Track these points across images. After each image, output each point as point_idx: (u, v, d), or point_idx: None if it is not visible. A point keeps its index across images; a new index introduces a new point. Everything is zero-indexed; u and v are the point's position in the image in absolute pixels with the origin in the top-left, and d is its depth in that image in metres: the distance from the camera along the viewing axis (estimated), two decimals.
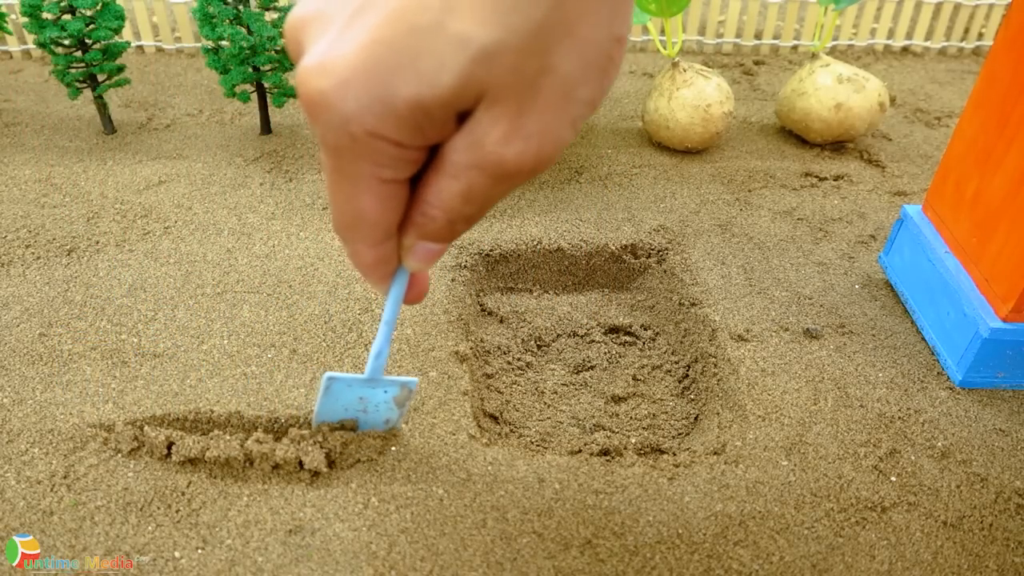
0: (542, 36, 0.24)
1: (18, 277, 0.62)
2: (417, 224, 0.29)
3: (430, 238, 0.30)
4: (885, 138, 0.90)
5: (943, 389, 0.55)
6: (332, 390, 0.45)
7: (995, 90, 0.54)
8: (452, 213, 0.28)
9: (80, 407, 0.50)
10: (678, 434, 0.55)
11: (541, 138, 0.25)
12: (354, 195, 0.28)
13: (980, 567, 0.44)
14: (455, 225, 0.29)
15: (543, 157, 0.26)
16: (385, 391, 0.45)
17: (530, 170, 0.26)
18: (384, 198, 0.28)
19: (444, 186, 0.27)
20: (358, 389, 0.45)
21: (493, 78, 0.24)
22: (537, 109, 0.25)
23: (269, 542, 0.43)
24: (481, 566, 0.43)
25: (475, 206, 0.28)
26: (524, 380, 0.59)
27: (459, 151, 0.26)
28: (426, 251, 0.31)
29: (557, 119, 0.25)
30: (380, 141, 0.25)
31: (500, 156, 0.25)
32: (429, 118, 0.25)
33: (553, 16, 0.23)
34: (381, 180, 0.27)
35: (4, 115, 0.89)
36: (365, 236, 0.30)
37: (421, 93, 0.24)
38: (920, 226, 0.61)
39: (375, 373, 0.43)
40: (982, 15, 1.14)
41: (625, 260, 0.69)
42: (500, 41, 0.23)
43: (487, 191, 0.27)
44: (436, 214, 0.29)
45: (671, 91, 0.81)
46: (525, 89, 0.24)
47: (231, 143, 0.84)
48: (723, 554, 0.44)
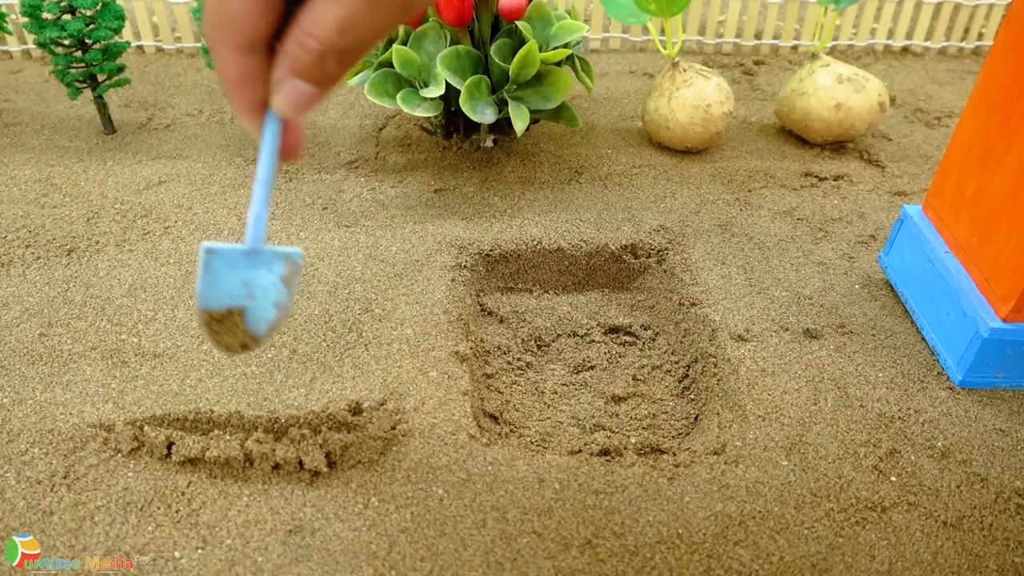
0: None
1: (18, 277, 0.62)
2: (290, 54, 0.29)
3: (300, 73, 0.29)
4: (885, 138, 0.90)
5: (943, 389, 0.55)
6: (212, 267, 0.40)
7: (995, 90, 0.54)
8: (326, 44, 0.28)
9: (80, 407, 0.50)
10: (678, 434, 0.55)
11: None
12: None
13: (980, 567, 0.44)
14: (326, 60, 0.29)
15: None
16: (270, 270, 0.41)
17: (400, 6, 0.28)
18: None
19: (322, 9, 0.28)
20: (241, 271, 0.41)
21: None
22: None
23: (269, 542, 0.43)
24: (481, 566, 0.43)
25: (350, 38, 0.28)
26: (524, 380, 0.59)
27: None
28: (295, 91, 0.30)
29: None
30: None
31: None
32: None
33: None
34: None
35: (4, 115, 0.89)
36: (229, 36, 0.29)
37: None
38: (920, 226, 0.61)
39: (256, 242, 0.39)
40: (982, 15, 1.14)
41: (625, 260, 0.69)
42: None
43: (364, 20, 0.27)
44: (310, 43, 0.28)
45: (671, 91, 0.81)
46: None
47: (231, 143, 0.84)
48: (723, 554, 0.44)
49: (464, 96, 0.69)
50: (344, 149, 0.84)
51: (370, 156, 0.83)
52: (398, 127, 0.89)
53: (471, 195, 0.76)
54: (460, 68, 0.71)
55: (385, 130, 0.88)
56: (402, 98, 0.70)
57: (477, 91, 0.71)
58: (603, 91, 1.00)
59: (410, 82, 0.73)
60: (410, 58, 0.71)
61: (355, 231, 0.69)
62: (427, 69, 0.73)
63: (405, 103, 0.69)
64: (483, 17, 0.73)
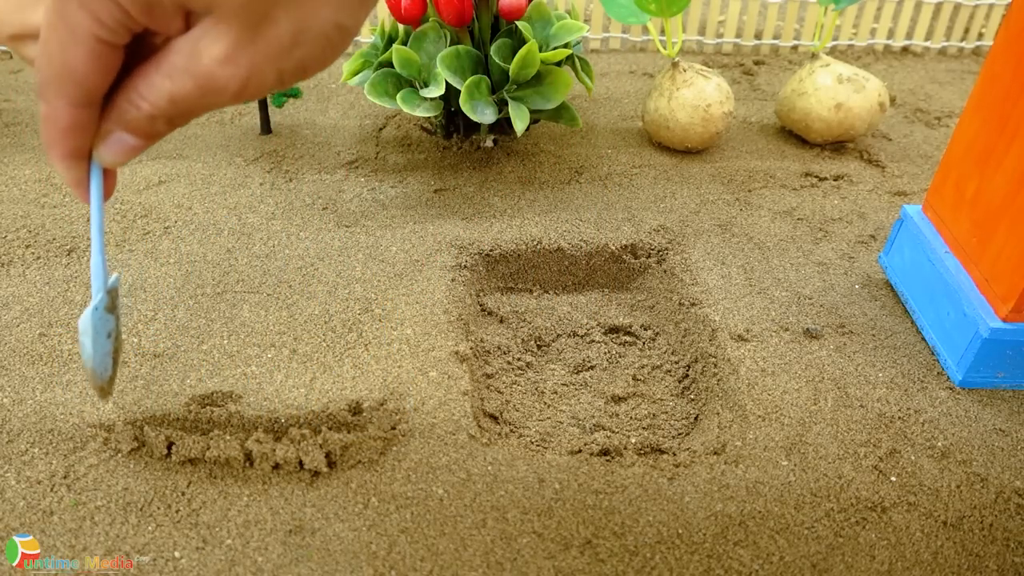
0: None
1: (18, 277, 0.62)
2: (121, 110, 0.31)
3: (130, 128, 0.31)
4: (885, 138, 0.90)
5: (943, 389, 0.55)
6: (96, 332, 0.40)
7: (995, 90, 0.54)
8: (157, 109, 0.30)
9: (80, 407, 0.50)
10: (678, 434, 0.55)
11: (249, 72, 0.29)
12: (69, 45, 0.28)
13: (980, 567, 0.44)
14: (156, 122, 0.31)
15: (247, 89, 0.29)
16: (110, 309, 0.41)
17: (232, 95, 0.29)
18: (96, 56, 0.29)
19: (157, 82, 0.29)
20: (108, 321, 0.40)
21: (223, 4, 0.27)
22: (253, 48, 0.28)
23: (269, 542, 0.43)
24: (481, 566, 0.43)
25: (178, 109, 0.30)
26: (524, 380, 0.59)
27: (180, 54, 0.29)
28: (121, 143, 0.32)
29: (268, 64, 0.29)
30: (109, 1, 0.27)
31: (212, 72, 0.28)
32: (160, 6, 0.27)
33: None
34: (98, 39, 0.28)
35: (4, 115, 0.89)
36: (69, 91, 0.30)
37: None
38: (920, 226, 0.61)
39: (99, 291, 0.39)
40: (982, 15, 1.14)
41: (625, 260, 0.69)
42: None
43: (193, 99, 0.29)
44: (143, 105, 0.30)
45: (671, 91, 0.81)
46: (249, 25, 0.28)
47: (231, 143, 0.84)
48: (723, 554, 0.44)
49: (464, 96, 0.69)
50: (344, 149, 0.84)
51: (370, 156, 0.83)
52: (398, 127, 0.89)
53: (471, 195, 0.76)
54: (460, 68, 0.71)
55: (385, 130, 0.88)
56: (402, 98, 0.70)
57: (477, 91, 0.71)
58: (603, 91, 1.00)
59: (410, 82, 0.73)
60: (410, 58, 0.71)
61: (355, 231, 0.69)
62: (427, 69, 0.73)
63: (405, 103, 0.69)
64: (483, 17, 0.73)
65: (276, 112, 0.90)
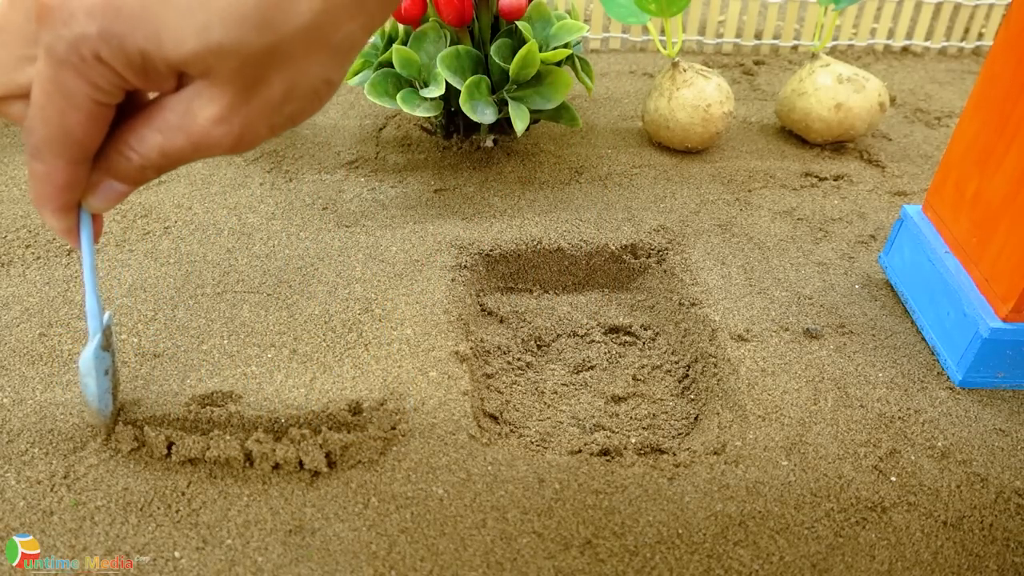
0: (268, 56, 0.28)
1: (18, 277, 0.62)
2: (111, 161, 0.32)
3: (119, 177, 0.33)
4: (885, 138, 0.90)
5: (943, 389, 0.55)
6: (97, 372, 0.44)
7: (995, 90, 0.54)
8: (147, 160, 0.31)
9: (80, 407, 0.50)
10: (678, 434, 0.55)
11: (243, 130, 0.30)
12: (67, 110, 0.29)
13: (980, 567, 0.44)
14: (146, 171, 0.32)
15: (240, 144, 0.30)
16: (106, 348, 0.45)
17: (226, 150, 0.30)
18: (94, 118, 0.30)
19: (148, 136, 0.31)
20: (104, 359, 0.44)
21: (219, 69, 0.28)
22: (247, 107, 0.29)
23: (269, 542, 0.43)
24: (481, 566, 0.43)
25: (169, 161, 0.31)
26: (524, 380, 0.59)
27: (173, 112, 0.30)
28: (111, 191, 0.34)
29: (260, 121, 0.30)
30: (105, 68, 0.28)
31: (206, 131, 0.29)
32: (155, 70, 0.28)
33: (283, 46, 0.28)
34: (95, 101, 0.29)
35: None
36: (68, 152, 0.31)
37: (151, 51, 0.27)
38: (920, 226, 0.61)
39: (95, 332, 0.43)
40: (982, 15, 1.14)
41: (625, 260, 0.69)
42: (234, 45, 0.27)
43: (184, 153, 0.31)
44: (133, 156, 0.31)
45: (671, 91, 0.81)
46: (243, 88, 0.29)
47: None
48: (723, 554, 0.44)
49: (464, 96, 0.69)
50: (344, 149, 0.84)
51: (370, 156, 0.83)
52: (398, 127, 0.89)
53: (471, 195, 0.76)
54: (460, 68, 0.71)
55: (385, 130, 0.89)
56: (402, 98, 0.70)
57: (477, 91, 0.71)
58: (603, 91, 1.00)
59: (410, 82, 0.73)
60: (410, 58, 0.71)
61: (355, 231, 0.69)
62: (427, 69, 0.73)
63: (405, 103, 0.69)
64: (483, 17, 0.73)
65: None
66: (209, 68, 0.28)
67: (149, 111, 0.31)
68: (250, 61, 0.28)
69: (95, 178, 0.33)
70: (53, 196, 0.33)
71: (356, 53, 0.31)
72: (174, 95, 0.30)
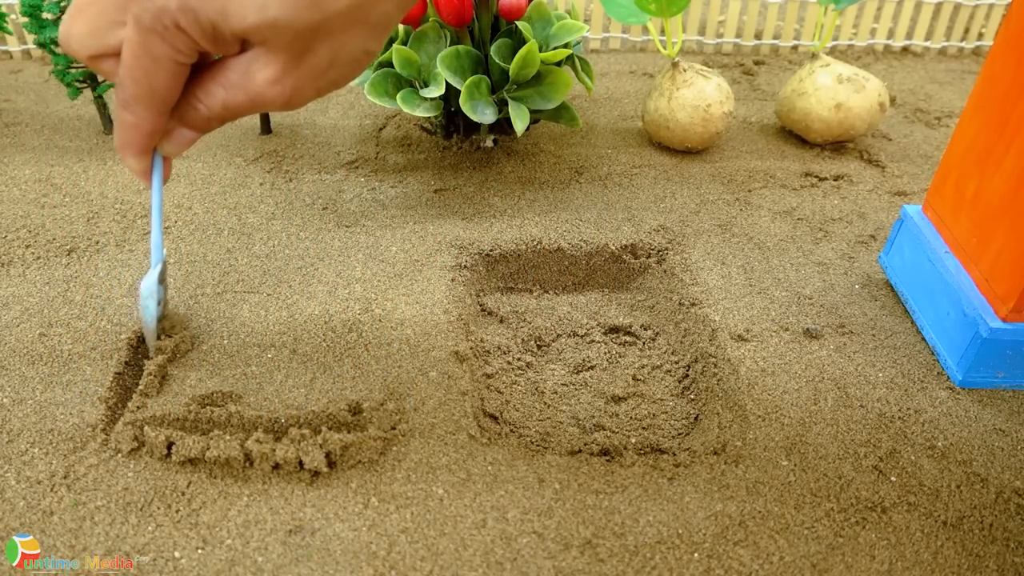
0: (315, 31, 0.34)
1: (18, 277, 0.62)
2: (183, 111, 0.39)
3: (189, 125, 0.39)
4: (885, 138, 0.90)
5: (943, 389, 0.55)
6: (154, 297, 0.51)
7: (995, 90, 0.54)
8: (212, 111, 0.38)
9: (80, 407, 0.50)
10: (678, 434, 0.55)
11: (293, 91, 0.36)
12: (152, 69, 0.36)
13: (980, 567, 0.44)
14: (211, 121, 0.39)
15: (291, 102, 0.37)
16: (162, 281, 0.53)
17: (278, 107, 0.37)
18: (174, 75, 0.36)
19: (214, 91, 0.37)
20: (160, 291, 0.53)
21: (274, 39, 0.34)
22: (297, 72, 0.35)
23: (269, 542, 0.43)
24: (481, 566, 0.43)
25: (230, 113, 0.38)
26: (524, 380, 0.59)
27: (235, 72, 0.36)
28: (182, 137, 0.40)
29: (308, 84, 0.36)
30: (183, 34, 0.34)
31: (262, 90, 0.36)
32: (222, 38, 0.34)
33: (328, 23, 0.34)
34: (175, 62, 0.35)
35: (4, 115, 0.89)
36: (153, 104, 0.37)
37: (219, 22, 0.33)
38: (920, 226, 0.61)
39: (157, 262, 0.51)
40: (982, 15, 1.14)
41: (625, 260, 0.69)
42: (288, 21, 0.33)
43: (242, 107, 0.37)
44: (201, 107, 0.38)
45: (671, 91, 0.81)
46: (294, 55, 0.35)
47: (231, 143, 0.84)
48: (723, 554, 0.44)
49: (464, 96, 0.69)
50: (344, 149, 0.84)
51: (370, 156, 0.83)
52: (398, 127, 0.89)
53: (471, 195, 0.76)
54: (460, 68, 0.71)
55: (385, 130, 0.89)
56: (402, 98, 0.70)
57: (477, 91, 0.71)
58: (603, 91, 1.00)
59: (410, 82, 0.73)
60: (410, 58, 0.71)
61: (355, 231, 0.69)
62: (427, 69, 0.73)
63: (405, 103, 0.69)
64: (483, 17, 0.73)
65: (276, 112, 0.90)
66: (266, 38, 0.34)
67: (215, 70, 0.37)
68: (300, 34, 0.33)
69: (170, 126, 0.39)
70: (137, 141, 0.39)
71: (391, 28, 0.36)
72: (236, 57, 0.36)
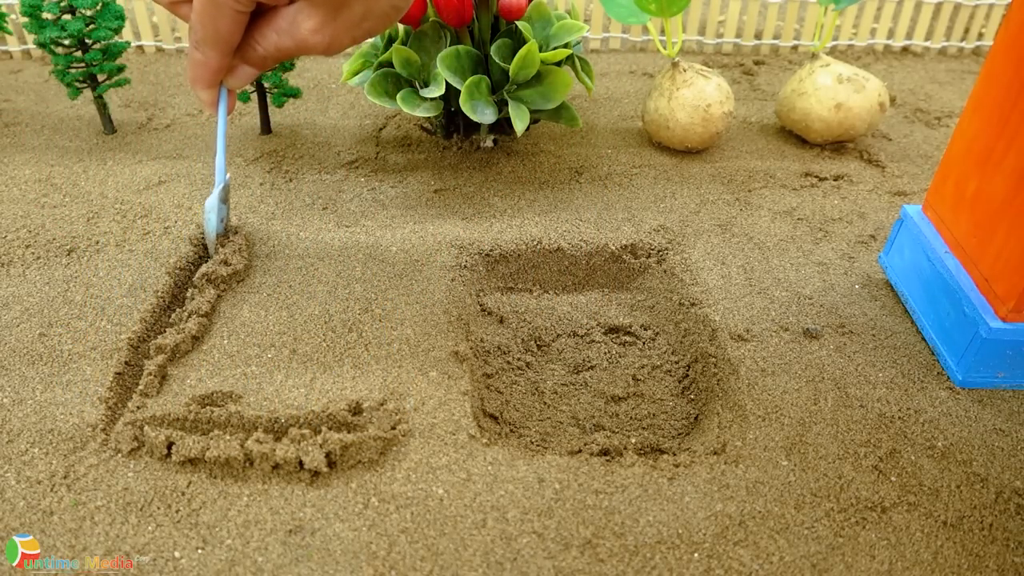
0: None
1: (18, 277, 0.62)
2: (244, 51, 0.47)
3: (249, 63, 0.48)
4: (885, 138, 0.90)
5: (943, 389, 0.55)
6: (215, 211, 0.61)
7: (995, 90, 0.54)
8: (267, 52, 0.46)
9: (80, 407, 0.50)
10: (678, 434, 0.55)
11: (331, 39, 0.44)
12: (217, 16, 0.43)
13: (980, 567, 0.44)
14: (267, 60, 0.47)
15: (331, 49, 0.44)
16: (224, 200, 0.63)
17: (320, 52, 0.44)
18: (235, 21, 0.44)
19: (269, 35, 0.45)
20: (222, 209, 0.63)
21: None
22: (335, 23, 0.43)
23: (269, 542, 0.43)
24: (481, 566, 0.43)
25: (282, 54, 0.46)
26: (524, 380, 0.59)
27: (285, 20, 0.44)
28: (244, 73, 0.49)
29: (345, 33, 0.44)
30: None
31: (305, 38, 0.44)
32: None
33: None
34: (236, 10, 0.43)
35: (4, 115, 0.89)
36: (220, 46, 0.45)
37: None
38: (920, 226, 0.61)
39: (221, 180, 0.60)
40: (982, 15, 1.14)
41: (625, 260, 0.69)
42: None
43: (291, 51, 0.45)
44: (258, 48, 0.46)
45: (671, 91, 0.81)
46: (332, 9, 0.42)
47: (231, 143, 0.84)
48: (723, 554, 0.44)
49: (464, 96, 0.69)
50: (344, 149, 0.84)
51: (370, 156, 0.83)
52: (398, 127, 0.89)
53: (471, 195, 0.76)
54: (460, 68, 0.71)
55: (385, 130, 0.89)
56: (402, 98, 0.70)
57: (477, 91, 0.71)
58: (603, 91, 1.00)
59: (410, 82, 0.73)
60: (410, 58, 0.71)
61: (355, 231, 0.69)
62: (427, 69, 0.73)
63: (405, 103, 0.69)
64: (483, 17, 0.73)
65: (276, 112, 0.90)
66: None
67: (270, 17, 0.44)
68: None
69: (233, 63, 0.47)
70: (206, 77, 0.48)
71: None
72: (287, 8, 0.43)
